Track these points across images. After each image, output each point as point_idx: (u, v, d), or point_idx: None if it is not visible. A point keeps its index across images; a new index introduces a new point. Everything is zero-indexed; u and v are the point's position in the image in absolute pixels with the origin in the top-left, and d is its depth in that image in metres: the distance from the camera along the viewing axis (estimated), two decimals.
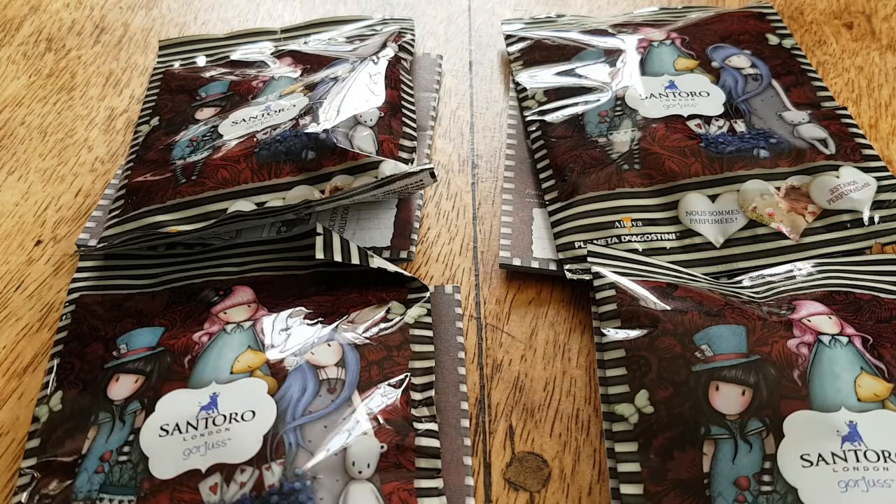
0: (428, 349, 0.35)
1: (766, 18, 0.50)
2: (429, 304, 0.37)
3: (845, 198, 0.39)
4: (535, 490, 0.32)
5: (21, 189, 0.45)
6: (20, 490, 0.31)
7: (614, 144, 0.42)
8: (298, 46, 0.50)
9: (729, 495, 0.29)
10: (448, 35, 0.55)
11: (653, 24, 0.51)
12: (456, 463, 0.33)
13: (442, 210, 0.43)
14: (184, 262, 0.40)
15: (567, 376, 0.36)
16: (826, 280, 0.36)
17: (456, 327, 0.37)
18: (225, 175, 0.39)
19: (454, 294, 0.39)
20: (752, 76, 0.46)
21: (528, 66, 0.49)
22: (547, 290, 0.39)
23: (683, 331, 0.33)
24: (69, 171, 0.46)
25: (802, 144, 0.41)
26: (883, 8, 0.55)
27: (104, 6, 0.59)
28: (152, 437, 0.31)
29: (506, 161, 0.45)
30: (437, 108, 0.49)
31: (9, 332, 0.38)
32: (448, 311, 0.38)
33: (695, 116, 0.43)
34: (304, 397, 0.32)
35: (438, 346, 0.37)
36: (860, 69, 0.50)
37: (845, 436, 0.29)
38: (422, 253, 0.41)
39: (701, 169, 0.41)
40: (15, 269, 0.41)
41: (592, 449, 0.34)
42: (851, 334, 0.32)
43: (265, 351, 0.34)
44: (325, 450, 0.31)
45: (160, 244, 0.41)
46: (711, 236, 0.39)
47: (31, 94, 0.51)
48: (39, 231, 0.43)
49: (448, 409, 0.34)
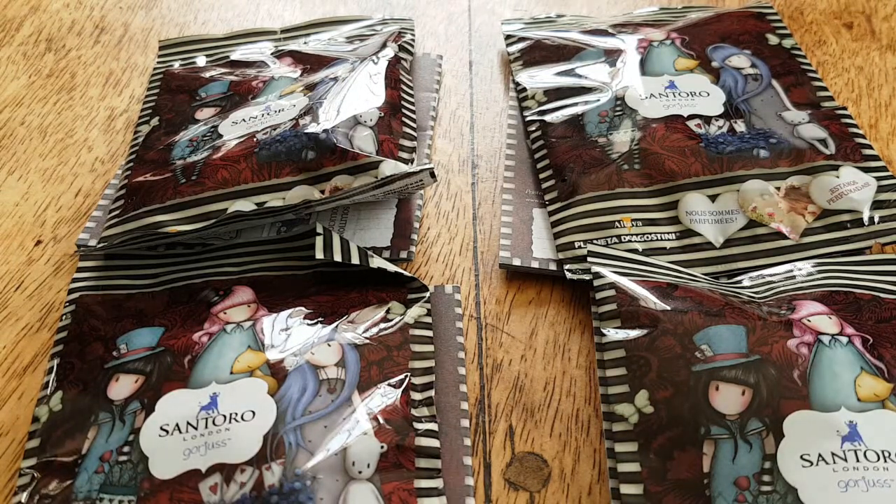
0: (428, 349, 0.35)
1: (766, 18, 0.50)
2: (429, 304, 0.37)
3: (845, 198, 0.39)
4: (535, 490, 0.32)
5: (21, 189, 0.45)
6: (20, 490, 0.31)
7: (614, 144, 0.42)
8: (298, 46, 0.50)
9: (729, 495, 0.29)
10: (448, 35, 0.55)
11: (653, 24, 0.51)
12: (456, 463, 0.33)
13: (442, 210, 0.43)
14: (184, 263, 0.40)
15: (567, 376, 0.36)
16: (826, 280, 0.36)
17: (456, 327, 0.37)
18: (225, 175, 0.39)
19: (454, 294, 0.39)
20: (752, 76, 0.46)
21: (528, 66, 0.49)
22: (547, 290, 0.39)
23: (683, 331, 0.33)
24: (69, 171, 0.46)
25: (802, 144, 0.41)
26: (883, 8, 0.55)
27: (104, 6, 0.59)
28: (152, 437, 0.31)
29: (506, 161, 0.45)
30: (437, 108, 0.49)
31: (9, 332, 0.38)
32: (448, 311, 0.38)
33: (695, 116, 0.43)
34: (304, 397, 0.32)
35: (438, 346, 0.36)
36: (860, 69, 0.50)
37: (845, 436, 0.29)
38: (422, 253, 0.41)
39: (701, 169, 0.41)
40: (15, 269, 0.41)
41: (592, 449, 0.34)
42: (851, 334, 0.32)
43: (265, 351, 0.34)
44: (325, 450, 0.31)
45: (160, 244, 0.41)
46: (711, 236, 0.39)
47: (31, 94, 0.51)
48: (39, 231, 0.43)
49: (448, 409, 0.34)
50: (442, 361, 0.36)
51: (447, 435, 0.33)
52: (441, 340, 0.37)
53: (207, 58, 0.51)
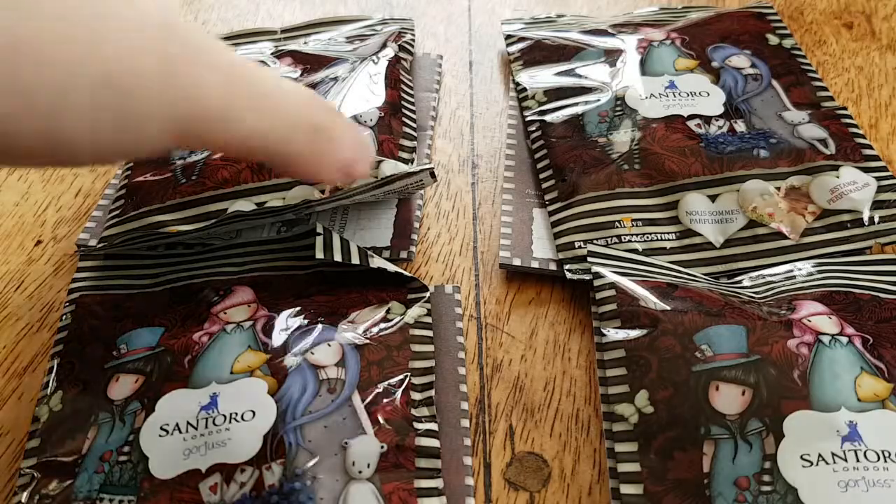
0: (428, 349, 0.35)
1: (766, 18, 0.50)
2: (429, 304, 0.37)
3: (845, 198, 0.39)
4: (535, 490, 0.32)
5: (21, 189, 0.45)
6: (20, 490, 0.31)
7: (614, 144, 0.42)
8: (298, 46, 0.50)
9: (729, 495, 0.29)
10: (448, 35, 0.55)
11: (653, 24, 0.51)
12: (456, 463, 0.33)
13: (442, 210, 0.43)
14: (184, 262, 0.40)
15: (567, 376, 0.36)
16: (826, 280, 0.36)
17: (456, 327, 0.37)
18: (225, 175, 0.39)
19: (454, 294, 0.39)
20: (752, 76, 0.46)
21: (528, 66, 0.49)
22: (547, 290, 0.39)
23: (683, 331, 0.33)
24: (69, 171, 0.46)
25: (802, 144, 0.41)
26: (883, 8, 0.55)
27: None
28: (152, 437, 0.31)
29: (506, 161, 0.45)
30: (437, 109, 0.49)
31: (9, 332, 0.38)
32: (448, 310, 0.38)
33: (695, 116, 0.43)
34: (304, 397, 0.32)
35: (438, 346, 0.36)
36: (860, 69, 0.50)
37: (845, 436, 0.29)
38: (422, 253, 0.41)
39: (701, 169, 0.41)
40: (15, 269, 0.41)
41: (592, 449, 0.34)
42: (851, 334, 0.32)
43: (265, 351, 0.34)
44: (325, 450, 0.31)
45: (160, 244, 0.41)
46: (711, 236, 0.39)
47: None
48: (39, 231, 0.43)
49: (448, 409, 0.34)
50: (442, 361, 0.36)
51: (447, 435, 0.33)
52: (441, 340, 0.37)
53: None
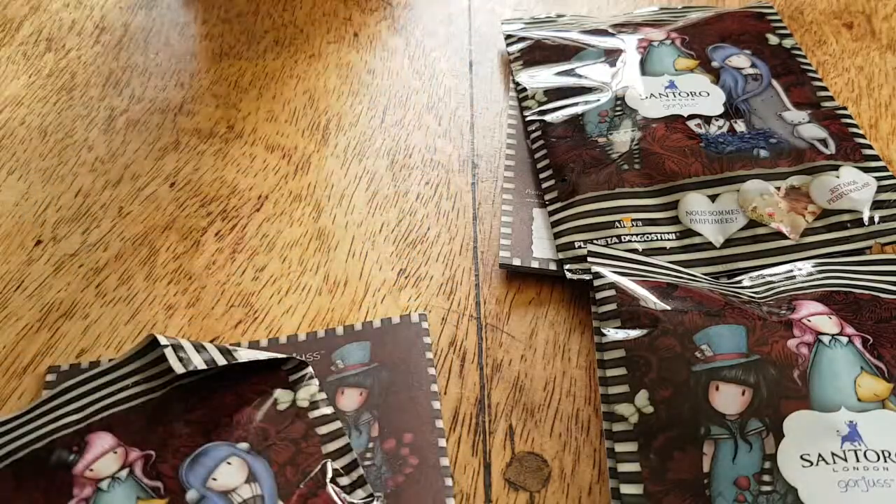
0: (336, 427, 0.32)
1: (766, 18, 0.50)
2: (314, 378, 0.34)
3: (845, 198, 0.39)
4: (535, 490, 0.32)
5: (21, 189, 0.45)
6: None
7: (614, 144, 0.42)
8: None
9: (729, 495, 0.29)
10: (448, 35, 0.55)
11: (653, 24, 0.51)
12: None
13: (442, 210, 0.43)
14: (13, 430, 0.33)
15: (567, 376, 0.36)
16: (826, 280, 0.36)
17: (426, 359, 0.35)
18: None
19: (421, 323, 0.37)
20: (752, 76, 0.46)
21: (528, 66, 0.49)
22: (547, 290, 0.39)
23: (683, 331, 0.33)
24: (69, 171, 0.46)
25: (802, 144, 0.41)
26: (883, 8, 0.55)
27: (104, 6, 0.59)
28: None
29: (506, 161, 0.45)
30: None
31: (9, 332, 0.38)
32: (416, 342, 0.36)
33: (695, 116, 0.43)
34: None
35: (409, 381, 0.34)
36: (860, 69, 0.50)
37: (845, 436, 0.29)
38: (422, 253, 0.41)
39: (701, 169, 0.41)
40: (15, 269, 0.41)
41: (592, 449, 0.34)
42: (851, 334, 0.32)
43: (160, 496, 0.30)
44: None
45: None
46: (711, 236, 0.39)
47: (31, 93, 0.51)
48: (39, 231, 0.43)
49: (426, 448, 0.32)
50: (415, 398, 0.34)
51: (427, 476, 0.31)
52: (411, 375, 0.34)
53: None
